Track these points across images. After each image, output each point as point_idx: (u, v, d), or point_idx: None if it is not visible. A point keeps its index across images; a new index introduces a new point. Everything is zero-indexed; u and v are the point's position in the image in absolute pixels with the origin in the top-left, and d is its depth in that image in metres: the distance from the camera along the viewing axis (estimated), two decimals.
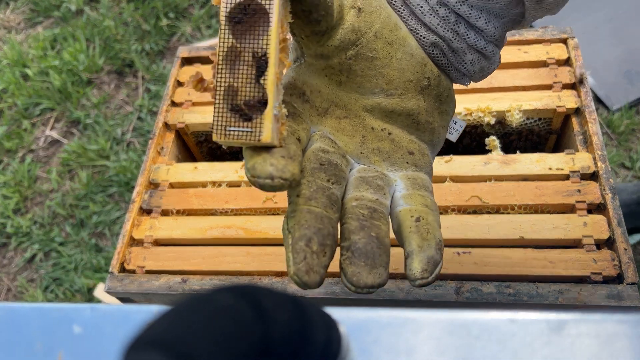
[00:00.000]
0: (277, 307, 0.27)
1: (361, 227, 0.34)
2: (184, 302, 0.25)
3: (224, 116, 0.32)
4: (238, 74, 0.31)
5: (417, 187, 0.37)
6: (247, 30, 0.31)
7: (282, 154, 0.31)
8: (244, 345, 0.24)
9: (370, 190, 0.35)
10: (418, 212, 0.35)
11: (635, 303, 0.54)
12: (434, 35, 0.37)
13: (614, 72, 1.58)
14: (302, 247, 0.32)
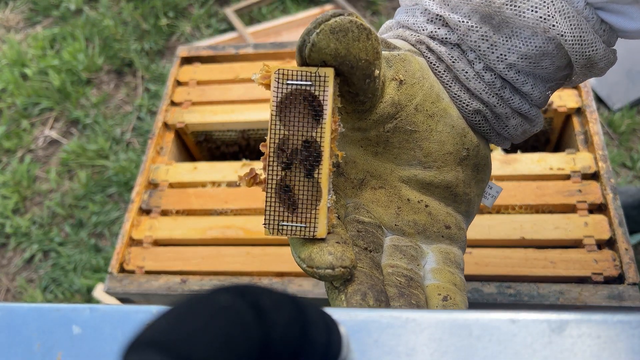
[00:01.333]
0: (277, 308, 0.26)
1: (400, 294, 0.33)
2: (183, 302, 0.25)
3: (276, 211, 0.31)
4: (291, 168, 0.31)
5: (448, 262, 0.36)
6: (300, 120, 0.31)
7: (337, 239, 0.31)
8: (244, 346, 0.24)
9: (405, 260, 0.35)
10: (446, 290, 0.34)
11: (637, 303, 0.54)
12: (477, 102, 0.36)
13: (615, 72, 1.58)
14: (359, 301, 0.32)
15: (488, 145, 0.39)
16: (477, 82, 0.35)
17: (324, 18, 0.29)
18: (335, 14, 0.29)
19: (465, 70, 0.35)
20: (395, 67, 0.33)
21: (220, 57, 0.83)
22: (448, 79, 0.36)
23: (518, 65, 0.34)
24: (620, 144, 1.49)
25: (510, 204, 0.63)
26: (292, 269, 0.62)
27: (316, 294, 0.59)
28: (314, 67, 0.30)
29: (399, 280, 0.33)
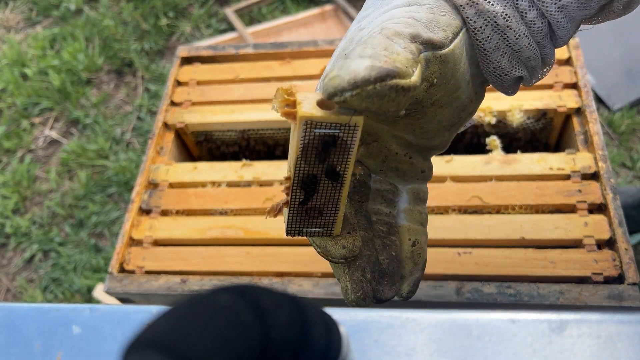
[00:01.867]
0: (277, 308, 0.26)
1: (383, 246, 0.40)
2: (183, 302, 0.25)
3: (298, 220, 0.36)
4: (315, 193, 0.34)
5: (418, 201, 0.42)
6: (327, 156, 0.33)
7: (348, 228, 0.37)
8: (244, 346, 0.24)
9: (385, 205, 0.41)
10: (415, 233, 0.41)
11: (636, 303, 0.54)
12: (517, 67, 0.37)
13: (615, 72, 1.58)
14: (359, 277, 0.38)
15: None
16: (526, 39, 0.36)
17: (363, 81, 0.29)
18: (378, 77, 0.29)
19: (518, 28, 0.35)
20: (431, 69, 0.34)
21: (221, 57, 0.83)
22: (491, 46, 0.36)
23: (569, 7, 0.34)
24: (620, 144, 1.49)
25: (510, 204, 0.63)
26: (292, 269, 0.62)
27: (316, 294, 0.59)
28: (343, 116, 0.31)
29: (381, 229, 0.40)
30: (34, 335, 0.53)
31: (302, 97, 0.32)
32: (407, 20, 0.34)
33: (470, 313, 0.48)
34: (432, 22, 0.34)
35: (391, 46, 0.31)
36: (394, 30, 0.32)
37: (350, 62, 0.29)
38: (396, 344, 0.46)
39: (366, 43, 0.31)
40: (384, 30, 0.32)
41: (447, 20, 0.35)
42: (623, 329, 0.46)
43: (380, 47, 0.31)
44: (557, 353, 0.45)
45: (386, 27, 0.33)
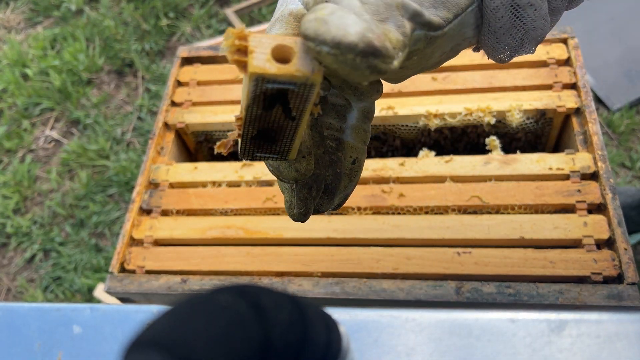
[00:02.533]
0: (277, 307, 0.26)
1: (331, 162, 0.40)
2: (183, 302, 0.25)
3: (251, 146, 0.34)
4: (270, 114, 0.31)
5: (365, 120, 0.41)
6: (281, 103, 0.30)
7: (303, 153, 0.36)
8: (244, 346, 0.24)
9: (337, 119, 0.40)
10: (357, 151, 0.41)
11: (636, 303, 0.54)
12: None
13: (614, 72, 1.58)
14: (305, 195, 0.39)
15: None
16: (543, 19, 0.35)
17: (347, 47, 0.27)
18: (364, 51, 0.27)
19: (540, 5, 0.34)
20: (417, 46, 0.32)
21: (221, 58, 0.84)
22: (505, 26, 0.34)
23: None
24: (620, 144, 1.49)
25: (510, 204, 0.63)
26: (292, 269, 0.62)
27: (316, 294, 0.59)
28: (301, 72, 0.28)
29: (331, 145, 0.40)
30: (34, 334, 0.53)
31: (255, 42, 0.28)
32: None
33: (470, 313, 0.48)
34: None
35: (390, 19, 0.29)
36: (397, 1, 0.30)
37: (346, 16, 0.27)
38: (396, 343, 0.47)
39: (361, 14, 0.28)
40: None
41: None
42: (622, 329, 0.46)
43: (381, 14, 0.29)
44: (557, 352, 0.45)
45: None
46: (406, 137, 0.76)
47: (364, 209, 0.65)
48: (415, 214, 0.65)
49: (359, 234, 0.63)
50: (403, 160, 0.67)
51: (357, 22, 0.27)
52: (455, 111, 0.70)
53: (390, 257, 0.61)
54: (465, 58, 0.75)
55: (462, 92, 0.73)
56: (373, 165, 0.68)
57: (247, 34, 0.28)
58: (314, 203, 0.40)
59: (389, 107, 0.72)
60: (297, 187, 0.39)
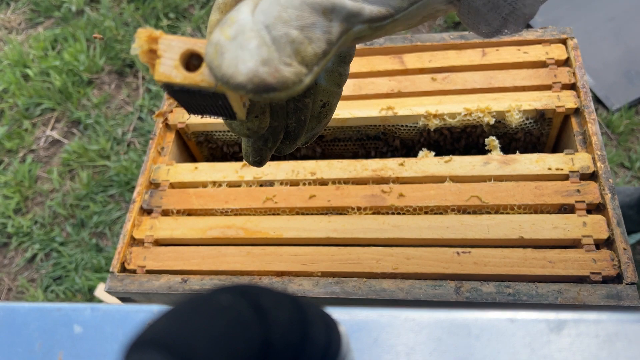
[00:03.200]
0: (277, 307, 0.27)
1: (295, 109, 0.39)
2: (184, 302, 0.25)
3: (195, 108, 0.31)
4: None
5: (341, 63, 0.40)
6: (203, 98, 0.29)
7: (256, 112, 0.35)
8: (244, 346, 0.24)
9: None
10: (328, 95, 0.40)
11: (635, 303, 0.54)
12: None
13: (614, 72, 1.58)
14: (260, 146, 0.40)
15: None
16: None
17: (236, 86, 0.26)
18: (255, 89, 0.26)
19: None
20: (361, 36, 0.30)
21: None
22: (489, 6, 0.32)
23: None
24: (619, 144, 1.49)
25: (509, 204, 0.63)
26: (292, 269, 0.62)
27: (316, 294, 0.59)
28: (207, 82, 0.27)
29: None
30: (35, 334, 0.53)
31: (164, 46, 0.27)
32: None
33: (469, 312, 0.48)
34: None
35: (316, 24, 0.27)
36: (325, 5, 0.27)
37: (244, 45, 0.26)
38: (395, 343, 0.47)
39: (275, 26, 0.26)
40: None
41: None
42: (621, 329, 0.46)
43: (305, 19, 0.27)
44: (556, 352, 0.45)
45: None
46: (406, 138, 0.76)
47: (363, 209, 0.65)
48: (415, 214, 0.65)
49: (358, 234, 0.63)
50: (403, 161, 0.67)
51: (253, 56, 0.26)
52: (455, 111, 0.71)
53: (390, 257, 0.61)
54: (465, 58, 0.75)
55: (461, 93, 0.73)
56: (373, 166, 0.68)
57: (157, 36, 0.28)
58: (270, 152, 0.41)
59: (388, 108, 0.72)
60: (251, 141, 0.40)
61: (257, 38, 0.26)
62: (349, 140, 0.78)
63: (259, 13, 0.26)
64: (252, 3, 0.27)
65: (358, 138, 0.78)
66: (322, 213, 0.67)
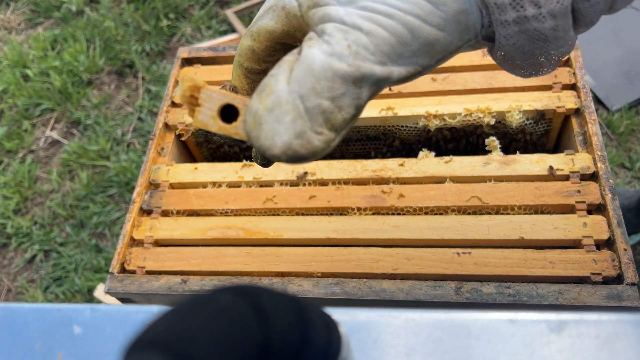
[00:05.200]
0: (277, 308, 0.27)
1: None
2: (184, 302, 0.25)
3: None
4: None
5: None
6: None
7: None
8: (244, 346, 0.24)
9: None
10: None
11: (635, 303, 0.54)
12: None
13: (614, 73, 1.58)
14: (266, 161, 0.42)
15: None
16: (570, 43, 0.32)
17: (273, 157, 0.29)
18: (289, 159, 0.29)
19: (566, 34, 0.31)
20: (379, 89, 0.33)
21: (221, 59, 0.84)
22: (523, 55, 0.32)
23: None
24: (619, 145, 1.49)
25: (510, 205, 0.63)
26: (292, 269, 0.62)
27: (316, 294, 0.59)
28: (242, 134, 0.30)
29: None
30: (35, 335, 0.53)
31: (205, 96, 0.30)
32: (398, 37, 0.29)
33: (470, 313, 0.48)
34: (427, 46, 0.30)
35: (346, 93, 0.29)
36: (356, 76, 0.29)
37: (280, 119, 0.28)
38: (395, 343, 0.47)
39: (309, 97, 0.28)
40: (341, 71, 0.28)
41: (449, 42, 0.30)
42: (622, 329, 0.46)
43: (336, 90, 0.29)
44: (556, 353, 0.45)
45: (350, 66, 0.28)
46: (406, 138, 0.76)
47: (363, 210, 0.65)
48: (415, 214, 0.65)
49: (358, 235, 0.63)
50: (403, 161, 0.67)
51: (288, 130, 0.28)
52: (455, 112, 0.70)
53: (390, 258, 0.61)
54: (465, 59, 0.75)
55: (461, 93, 0.73)
56: (373, 166, 0.68)
57: (200, 86, 0.30)
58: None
59: (388, 108, 0.72)
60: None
61: (292, 111, 0.28)
62: (349, 140, 0.78)
63: (294, 82, 0.29)
64: (287, 70, 0.29)
65: (358, 139, 0.78)
66: (322, 213, 0.67)
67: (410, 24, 0.29)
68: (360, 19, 0.29)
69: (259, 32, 0.34)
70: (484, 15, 0.30)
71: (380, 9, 0.29)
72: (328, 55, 0.29)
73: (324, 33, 0.29)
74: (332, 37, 0.29)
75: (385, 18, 0.29)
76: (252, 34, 0.34)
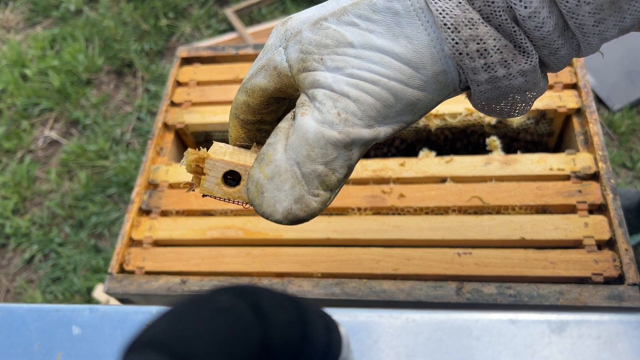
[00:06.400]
0: (276, 308, 0.26)
1: None
2: (183, 303, 0.25)
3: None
4: None
5: None
6: None
7: None
8: (244, 346, 0.24)
9: None
10: None
11: (636, 304, 0.54)
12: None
13: (615, 72, 1.58)
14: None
15: None
16: (543, 89, 0.34)
17: (275, 221, 0.32)
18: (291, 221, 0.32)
19: (537, 84, 0.33)
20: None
21: (220, 58, 0.83)
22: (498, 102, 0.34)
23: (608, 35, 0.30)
24: (620, 145, 1.49)
25: (510, 205, 0.63)
26: (292, 269, 0.62)
27: (316, 295, 0.59)
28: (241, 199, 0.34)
29: None
30: (34, 335, 0.53)
31: (209, 166, 0.33)
32: (384, 101, 0.31)
33: (470, 313, 0.48)
34: (410, 106, 0.32)
35: (338, 157, 0.32)
36: (346, 142, 0.31)
37: (280, 187, 0.31)
38: (396, 344, 0.47)
39: (304, 163, 0.31)
40: (333, 139, 0.31)
41: (430, 99, 0.32)
42: (623, 330, 0.46)
43: (329, 156, 0.31)
44: (557, 353, 0.45)
45: (341, 134, 0.31)
46: (406, 138, 0.76)
47: (364, 210, 0.65)
48: (416, 214, 0.64)
49: (359, 235, 0.63)
50: (403, 161, 0.67)
51: (288, 197, 0.31)
52: (456, 111, 0.70)
53: (390, 258, 0.61)
54: None
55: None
56: (373, 166, 0.68)
57: (205, 157, 0.33)
58: None
59: None
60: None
61: (291, 179, 0.31)
62: None
63: (290, 150, 0.32)
64: (284, 138, 0.32)
65: None
66: (322, 213, 0.66)
67: (393, 89, 0.31)
68: (348, 87, 0.31)
69: (252, 90, 0.36)
70: (461, 73, 0.31)
71: (365, 77, 0.31)
72: (320, 123, 0.31)
73: (314, 99, 0.32)
74: (323, 105, 0.31)
75: (371, 85, 0.31)
76: (246, 90, 0.36)
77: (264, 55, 0.36)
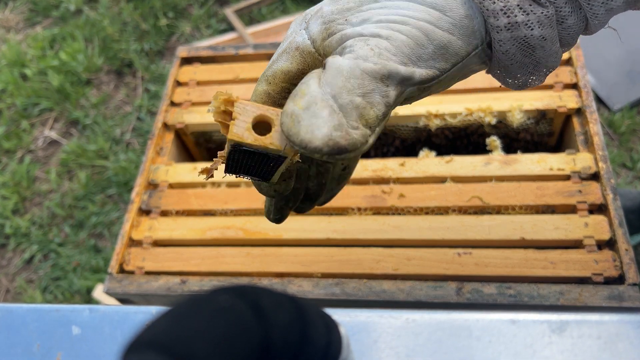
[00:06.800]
0: (276, 308, 0.26)
1: (317, 173, 0.43)
2: (183, 303, 0.25)
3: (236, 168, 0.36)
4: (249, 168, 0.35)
5: None
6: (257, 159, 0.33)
7: (284, 177, 0.38)
8: (244, 346, 0.24)
9: None
10: (349, 159, 0.41)
11: (637, 304, 0.54)
12: None
13: (616, 72, 1.58)
14: (282, 205, 0.42)
15: None
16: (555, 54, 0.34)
17: (314, 149, 0.29)
18: (330, 152, 0.29)
19: (550, 47, 0.33)
20: (407, 95, 0.33)
21: (220, 58, 0.83)
22: (515, 64, 0.34)
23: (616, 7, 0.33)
24: (621, 145, 1.49)
25: (510, 205, 0.63)
26: (292, 270, 0.62)
27: (316, 295, 0.59)
28: (276, 145, 0.31)
29: None
30: (33, 335, 0.53)
31: (239, 109, 0.31)
32: (415, 39, 0.31)
33: (471, 314, 0.48)
34: (441, 49, 0.32)
35: (375, 90, 0.30)
36: (382, 73, 0.30)
37: (318, 114, 0.29)
38: (396, 344, 0.46)
39: (341, 94, 0.30)
40: (369, 69, 0.30)
41: (460, 45, 0.32)
42: (623, 330, 0.46)
43: (365, 87, 0.30)
44: (557, 354, 0.45)
45: (376, 64, 0.30)
46: (406, 137, 0.76)
47: (364, 210, 0.65)
48: (416, 214, 0.64)
49: (359, 235, 0.63)
50: (403, 161, 0.67)
51: (326, 123, 0.29)
52: (456, 111, 0.70)
53: (390, 258, 0.60)
54: None
55: (462, 92, 0.72)
56: (373, 166, 0.67)
57: (234, 100, 0.31)
58: (289, 211, 0.43)
59: None
60: (275, 200, 0.42)
61: (328, 107, 0.29)
62: None
63: (325, 85, 0.30)
64: (317, 77, 0.31)
65: None
66: (322, 214, 0.66)
67: (424, 28, 0.31)
68: (378, 28, 0.31)
69: (274, 75, 0.35)
70: (485, 22, 0.32)
71: (394, 19, 0.31)
72: (354, 59, 0.30)
73: (344, 49, 0.31)
74: (354, 46, 0.31)
75: (400, 25, 0.31)
76: (267, 79, 0.35)
77: (284, 42, 0.35)
